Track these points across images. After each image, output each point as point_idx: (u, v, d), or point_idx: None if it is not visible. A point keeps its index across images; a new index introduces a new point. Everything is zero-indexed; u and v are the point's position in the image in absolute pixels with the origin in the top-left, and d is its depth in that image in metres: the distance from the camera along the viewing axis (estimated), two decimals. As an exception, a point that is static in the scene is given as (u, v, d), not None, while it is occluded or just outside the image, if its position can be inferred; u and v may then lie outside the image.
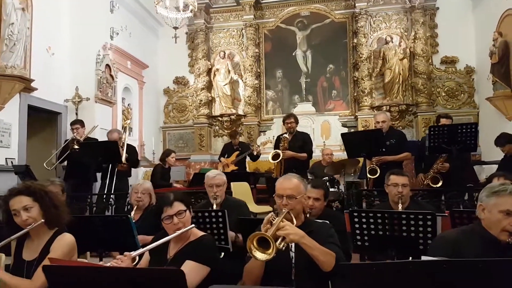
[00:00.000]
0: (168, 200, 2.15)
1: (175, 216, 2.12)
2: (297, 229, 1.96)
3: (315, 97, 9.30)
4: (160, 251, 2.21)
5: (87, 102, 7.05)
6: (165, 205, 2.14)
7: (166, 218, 2.13)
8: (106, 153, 5.02)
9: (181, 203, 2.16)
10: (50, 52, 6.69)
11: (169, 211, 2.12)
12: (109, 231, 2.90)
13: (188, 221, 2.17)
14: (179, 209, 2.14)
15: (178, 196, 2.20)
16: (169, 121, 10.30)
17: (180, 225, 2.12)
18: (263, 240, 1.83)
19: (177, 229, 2.11)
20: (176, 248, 2.19)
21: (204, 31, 9.76)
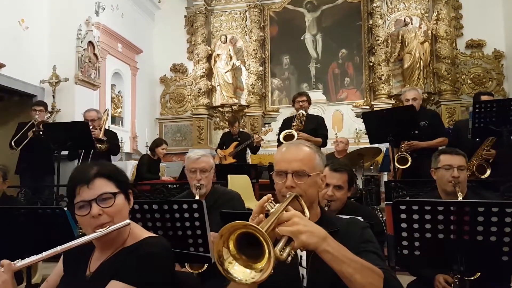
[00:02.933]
0: (84, 176, 1.25)
1: (95, 202, 1.22)
2: (314, 225, 1.08)
3: (325, 85, 8.43)
4: (79, 263, 1.34)
5: (66, 83, 6.20)
6: (78, 183, 1.24)
7: (80, 206, 1.23)
8: (76, 136, 4.14)
9: (108, 180, 1.27)
10: (23, 26, 5.85)
11: (86, 193, 1.23)
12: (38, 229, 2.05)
13: (120, 213, 1.27)
14: (104, 191, 1.24)
15: (105, 170, 1.29)
16: (166, 112, 9.52)
17: (105, 219, 1.23)
18: (249, 240, 0.95)
19: (98, 226, 1.22)
20: (101, 258, 1.30)
21: (204, 13, 8.95)
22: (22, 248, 2.12)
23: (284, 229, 1.02)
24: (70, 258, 1.35)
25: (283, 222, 1.04)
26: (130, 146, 8.48)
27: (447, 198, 2.14)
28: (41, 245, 2.08)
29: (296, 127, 4.35)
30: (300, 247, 1.03)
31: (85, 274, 1.29)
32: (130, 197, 1.33)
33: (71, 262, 1.35)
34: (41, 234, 2.06)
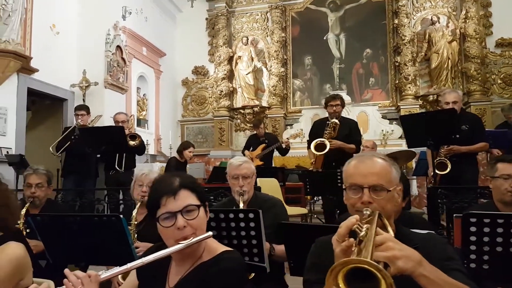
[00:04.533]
0: (169, 187, 1.25)
1: (180, 214, 1.22)
2: (408, 248, 1.04)
3: (349, 86, 8.31)
4: (155, 276, 1.34)
5: (96, 87, 6.29)
6: (164, 193, 1.24)
7: (165, 217, 1.23)
8: (110, 140, 4.19)
9: (191, 192, 1.27)
10: (54, 31, 5.96)
11: (171, 205, 1.23)
12: (96, 237, 2.06)
13: (202, 225, 1.27)
14: (188, 203, 1.24)
15: (187, 181, 1.29)
16: (188, 114, 9.57)
17: (189, 231, 1.22)
18: (356, 273, 0.91)
19: (182, 238, 1.21)
20: (180, 272, 1.30)
21: (225, 15, 8.98)
22: (77, 255, 2.17)
23: (380, 255, 0.97)
24: (146, 271, 1.35)
25: (378, 246, 0.99)
26: (155, 148, 8.56)
27: (506, 209, 2.07)
28: (96, 252, 2.14)
29: (329, 136, 4.22)
30: (396, 273, 0.98)
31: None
32: (207, 209, 1.33)
33: (148, 275, 1.34)
34: (96, 242, 2.08)
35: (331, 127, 4.18)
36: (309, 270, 1.33)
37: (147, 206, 1.35)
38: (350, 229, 1.08)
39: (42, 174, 2.90)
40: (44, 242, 2.18)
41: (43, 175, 2.90)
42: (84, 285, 1.10)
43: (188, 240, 1.20)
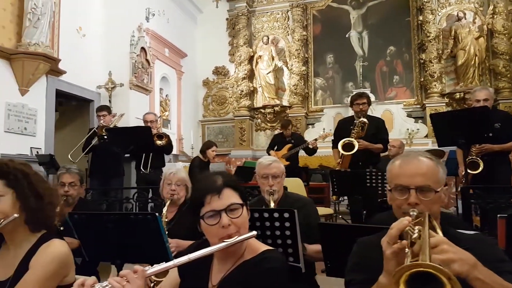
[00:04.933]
0: (213, 185, 1.25)
1: (225, 212, 1.22)
2: (462, 250, 1.01)
3: (373, 84, 8.21)
4: (198, 273, 1.34)
5: (121, 88, 6.39)
6: (209, 192, 1.24)
7: (209, 216, 1.23)
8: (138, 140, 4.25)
9: (235, 191, 1.27)
10: (80, 33, 6.08)
11: (216, 203, 1.23)
12: (131, 235, 2.09)
13: (245, 224, 1.27)
14: (232, 202, 1.24)
15: (230, 180, 1.29)
16: (208, 114, 9.64)
17: (232, 229, 1.22)
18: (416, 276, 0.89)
19: (227, 236, 1.21)
20: (223, 270, 1.30)
21: (246, 15, 9.01)
22: (113, 253, 2.21)
23: (435, 258, 0.94)
24: (188, 268, 1.35)
25: (434, 249, 0.97)
26: (177, 148, 8.64)
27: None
28: (131, 250, 2.17)
29: (357, 135, 4.11)
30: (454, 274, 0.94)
31: (207, 287, 1.29)
32: (248, 209, 1.33)
33: (190, 273, 1.35)
34: (131, 240, 2.11)
35: (359, 126, 4.08)
36: (352, 270, 1.31)
37: (190, 204, 1.35)
38: (402, 231, 1.06)
39: (75, 173, 2.96)
40: (81, 240, 2.22)
41: (76, 174, 2.97)
42: (129, 282, 1.10)
43: (233, 239, 1.20)
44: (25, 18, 4.80)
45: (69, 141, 5.93)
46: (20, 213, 1.40)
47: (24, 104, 4.98)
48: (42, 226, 1.48)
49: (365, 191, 3.52)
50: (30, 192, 1.43)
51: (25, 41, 4.79)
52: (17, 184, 1.42)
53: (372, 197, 3.60)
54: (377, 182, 3.43)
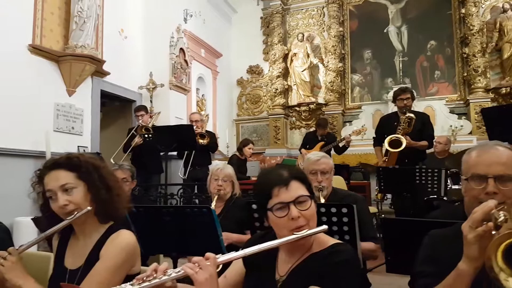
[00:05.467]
0: (280, 177, 1.25)
1: (293, 204, 1.21)
2: None
3: (413, 80, 7.98)
4: (263, 264, 1.33)
5: (161, 88, 6.54)
6: (276, 184, 1.24)
7: (278, 208, 1.22)
8: (182, 138, 4.34)
9: (302, 184, 1.26)
10: (122, 35, 6.27)
11: (284, 195, 1.22)
12: (185, 228, 2.13)
13: (314, 216, 1.26)
14: (301, 194, 1.23)
15: (297, 173, 1.29)
16: (242, 113, 9.69)
17: (302, 221, 1.21)
18: None
19: (296, 228, 1.20)
20: (290, 262, 1.29)
21: (280, 13, 8.99)
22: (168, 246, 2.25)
23: None
24: (253, 259, 1.35)
25: None
26: (213, 147, 8.73)
27: None
28: (186, 243, 2.21)
29: (403, 131, 4.02)
30: None
31: (274, 278, 1.29)
32: (316, 202, 1.32)
33: (255, 264, 1.35)
34: (186, 233, 2.14)
35: (406, 122, 3.98)
36: (424, 262, 1.28)
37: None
38: (487, 214, 1.02)
39: (127, 169, 3.07)
40: (138, 233, 2.28)
41: (128, 171, 3.07)
42: (202, 268, 1.11)
43: (304, 232, 1.19)
44: (72, 21, 4.99)
45: (113, 140, 6.13)
46: (91, 205, 1.44)
47: (71, 104, 5.18)
48: (110, 218, 1.52)
49: (413, 189, 3.42)
50: (100, 185, 1.47)
51: (72, 44, 4.97)
52: (89, 176, 1.45)
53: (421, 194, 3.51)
54: (427, 179, 3.32)
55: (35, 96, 4.67)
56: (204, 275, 1.09)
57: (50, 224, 1.46)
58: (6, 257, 1.37)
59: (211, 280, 1.09)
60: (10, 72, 4.36)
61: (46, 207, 1.47)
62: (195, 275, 1.08)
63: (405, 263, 1.68)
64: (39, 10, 4.72)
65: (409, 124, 3.98)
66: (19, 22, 4.51)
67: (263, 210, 1.28)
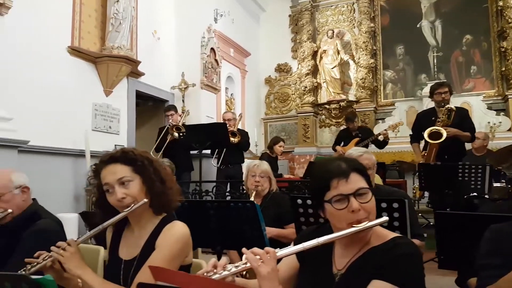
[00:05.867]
0: (340, 169, 1.22)
1: (353, 197, 1.18)
2: None
3: (448, 75, 7.75)
4: (319, 258, 1.31)
5: (193, 88, 6.63)
6: (336, 176, 1.21)
7: (337, 200, 1.20)
8: (215, 136, 4.39)
9: (361, 176, 1.23)
10: (156, 36, 6.39)
11: (343, 187, 1.19)
12: (229, 222, 2.15)
13: (373, 209, 1.23)
14: (360, 186, 1.20)
15: (356, 164, 1.26)
16: (271, 112, 9.67)
17: (362, 214, 1.18)
18: None
19: (356, 221, 1.18)
20: (348, 256, 1.26)
21: (309, 10, 8.93)
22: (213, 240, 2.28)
23: None
24: (308, 253, 1.33)
25: None
26: (242, 145, 8.76)
27: None
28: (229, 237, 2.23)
29: (443, 123, 3.94)
30: None
31: (332, 272, 1.27)
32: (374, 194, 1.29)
33: (310, 257, 1.33)
34: (230, 227, 2.16)
35: (445, 114, 3.89)
36: (488, 255, 1.27)
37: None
38: None
39: (167, 165, 3.12)
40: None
41: (167, 167, 3.12)
42: (264, 262, 1.11)
43: (364, 224, 1.17)
44: (108, 23, 5.13)
45: (146, 139, 6.27)
46: (146, 197, 1.47)
47: (108, 104, 5.33)
48: (163, 209, 1.55)
49: (455, 186, 3.32)
50: (155, 177, 1.50)
51: (109, 45, 5.11)
52: (144, 170, 1.48)
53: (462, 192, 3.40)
54: (470, 176, 3.22)
55: (75, 96, 4.83)
56: (267, 268, 1.08)
57: (105, 217, 1.50)
58: (65, 247, 1.41)
59: (273, 273, 1.09)
60: (50, 73, 4.52)
61: (102, 200, 1.52)
62: (258, 268, 1.08)
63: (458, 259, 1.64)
64: (77, 13, 4.88)
65: (449, 116, 3.90)
66: (59, 25, 4.67)
67: (319, 202, 1.27)
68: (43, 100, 4.40)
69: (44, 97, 4.41)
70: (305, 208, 1.94)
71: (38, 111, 4.31)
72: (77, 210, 4.55)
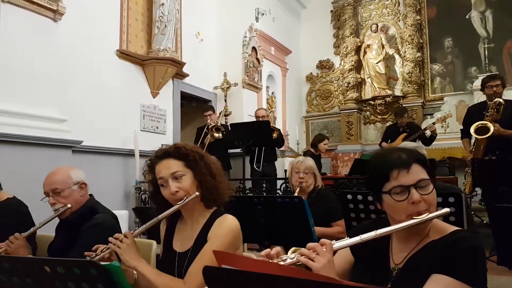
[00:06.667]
0: (400, 160, 1.18)
1: (414, 188, 1.15)
2: None
3: (500, 67, 7.34)
4: (376, 253, 1.28)
5: (235, 88, 6.71)
6: (396, 166, 1.18)
7: (395, 192, 1.16)
8: (258, 134, 4.42)
9: (422, 167, 1.19)
10: (199, 38, 6.53)
11: (404, 178, 1.16)
12: (276, 217, 2.16)
13: (435, 201, 1.18)
14: (422, 177, 1.16)
15: (418, 155, 1.21)
16: (312, 109, 9.58)
17: (423, 206, 1.14)
18: None
19: (416, 213, 1.14)
20: (406, 250, 1.23)
21: (352, 5, 8.78)
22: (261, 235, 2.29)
23: None
24: (363, 248, 1.31)
25: None
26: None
27: None
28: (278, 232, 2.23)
29: (491, 118, 3.75)
30: None
31: (389, 266, 1.25)
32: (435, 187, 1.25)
33: (365, 251, 1.30)
34: (278, 222, 2.17)
35: (494, 108, 3.71)
36: None
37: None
38: None
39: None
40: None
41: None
42: (320, 255, 1.10)
43: (425, 215, 1.13)
44: (154, 26, 5.30)
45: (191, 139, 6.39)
46: (198, 191, 1.51)
47: (155, 106, 5.52)
48: (214, 203, 1.59)
49: (512, 182, 3.13)
50: (206, 172, 1.54)
51: (155, 48, 5.29)
52: (196, 164, 1.53)
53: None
54: (529, 170, 3.02)
55: (123, 98, 5.03)
56: (322, 260, 1.07)
57: (160, 210, 1.56)
58: (122, 239, 1.48)
59: (329, 265, 1.08)
60: (101, 76, 4.74)
61: (156, 194, 1.58)
62: (310, 262, 1.07)
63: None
64: (125, 17, 5.08)
65: (498, 111, 3.69)
66: (108, 29, 4.89)
67: (377, 194, 1.24)
68: (94, 102, 4.62)
69: (95, 99, 4.62)
70: (355, 203, 1.90)
71: (90, 113, 4.53)
72: (127, 207, 4.76)
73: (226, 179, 1.69)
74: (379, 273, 1.25)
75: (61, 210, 1.91)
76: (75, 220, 1.94)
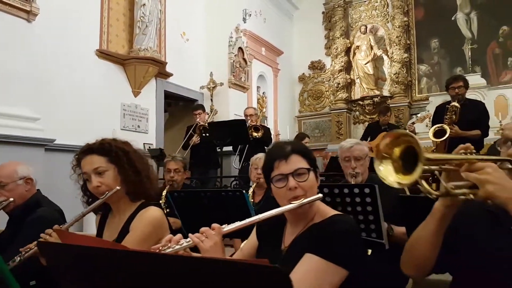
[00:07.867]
0: (282, 151, 1.33)
1: (291, 176, 1.28)
2: (510, 180, 0.93)
3: (484, 68, 7.44)
4: (272, 236, 1.42)
5: (221, 87, 6.81)
6: (277, 157, 1.32)
7: (278, 179, 1.30)
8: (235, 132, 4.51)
9: (302, 157, 1.32)
10: (184, 38, 6.63)
11: (283, 167, 1.30)
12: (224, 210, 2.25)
13: (312, 188, 1.31)
14: (299, 166, 1.29)
15: (299, 147, 1.36)
16: (304, 109, 9.66)
17: (299, 192, 1.27)
18: None
19: (293, 198, 1.27)
20: (294, 233, 1.36)
21: (342, 6, 8.86)
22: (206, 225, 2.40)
23: (471, 175, 0.92)
24: (264, 231, 1.44)
25: (474, 167, 0.93)
26: (274, 144, 8.82)
27: None
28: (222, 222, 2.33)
29: (449, 121, 3.85)
30: (485, 197, 0.91)
31: (281, 248, 1.36)
32: (317, 176, 1.35)
33: (266, 235, 1.43)
34: (222, 213, 2.26)
35: (451, 111, 3.81)
36: None
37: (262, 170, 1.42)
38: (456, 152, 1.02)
39: (179, 160, 3.29)
40: (181, 216, 2.47)
41: (180, 162, 3.29)
42: (208, 237, 1.20)
43: (300, 201, 1.25)
44: (135, 26, 5.40)
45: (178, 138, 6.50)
46: (121, 186, 1.59)
47: (137, 105, 5.62)
48: (140, 196, 1.67)
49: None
50: (129, 168, 1.62)
51: (136, 47, 5.39)
52: (118, 160, 1.61)
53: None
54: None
55: (103, 97, 5.10)
56: (209, 243, 1.18)
57: (89, 202, 1.66)
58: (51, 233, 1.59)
59: (215, 247, 1.19)
60: (79, 75, 4.79)
61: (86, 188, 1.67)
62: (200, 243, 1.18)
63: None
64: (105, 17, 5.18)
65: (455, 113, 3.78)
66: (87, 29, 4.95)
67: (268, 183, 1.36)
68: (71, 101, 4.64)
69: (71, 98, 4.65)
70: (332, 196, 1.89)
71: (66, 112, 4.55)
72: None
73: (154, 174, 1.77)
74: (272, 255, 1.35)
75: (4, 203, 1.98)
76: (19, 213, 2.01)
